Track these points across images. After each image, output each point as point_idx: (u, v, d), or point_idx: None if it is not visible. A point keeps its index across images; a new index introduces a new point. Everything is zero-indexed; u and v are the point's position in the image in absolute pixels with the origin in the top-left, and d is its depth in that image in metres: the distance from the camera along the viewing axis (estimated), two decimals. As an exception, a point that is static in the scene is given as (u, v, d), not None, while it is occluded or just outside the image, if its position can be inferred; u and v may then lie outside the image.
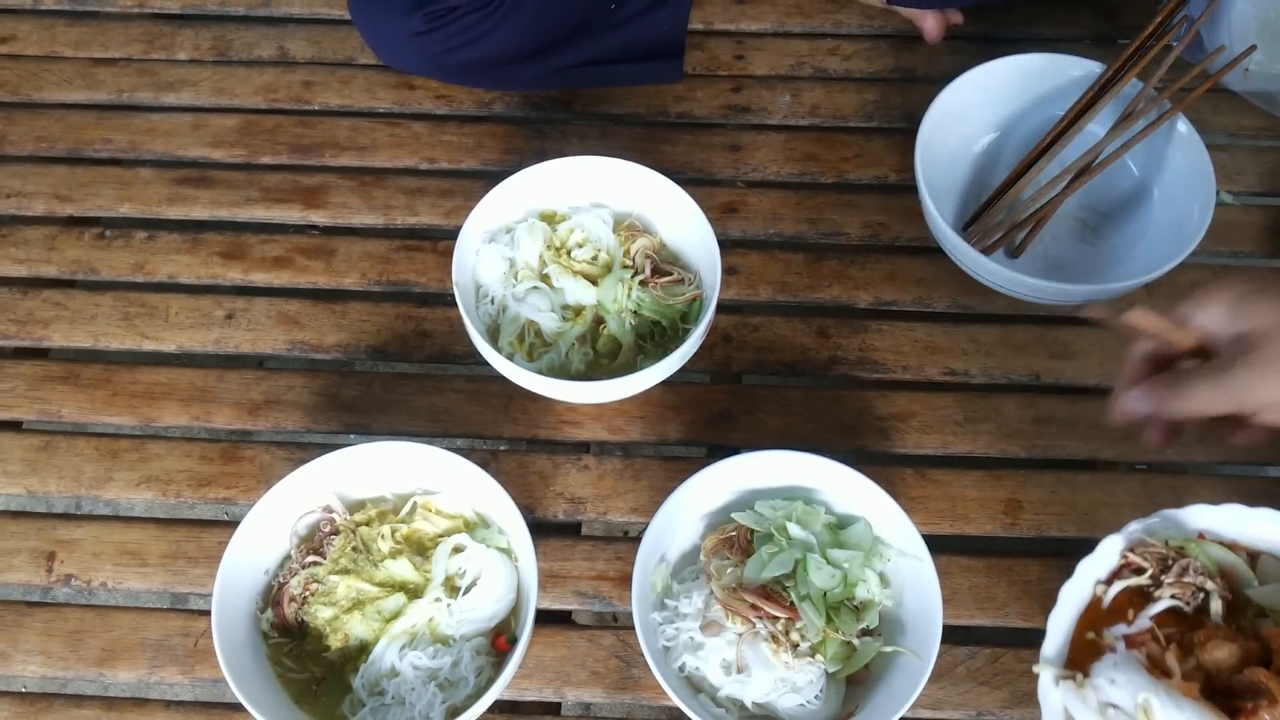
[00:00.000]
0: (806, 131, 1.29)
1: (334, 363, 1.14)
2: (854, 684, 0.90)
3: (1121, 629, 0.84)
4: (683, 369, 1.03)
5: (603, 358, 1.06)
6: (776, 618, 0.87)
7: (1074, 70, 1.16)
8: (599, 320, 1.06)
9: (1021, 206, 1.13)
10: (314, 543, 0.94)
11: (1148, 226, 1.14)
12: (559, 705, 0.97)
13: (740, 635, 0.88)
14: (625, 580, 1.00)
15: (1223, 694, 0.79)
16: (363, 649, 0.89)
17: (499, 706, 0.93)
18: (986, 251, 1.11)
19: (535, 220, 1.09)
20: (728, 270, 1.14)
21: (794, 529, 0.91)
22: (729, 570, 0.90)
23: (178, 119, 1.30)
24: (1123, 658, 0.81)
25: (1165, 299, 1.16)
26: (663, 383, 1.04)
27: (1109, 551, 0.86)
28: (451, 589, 0.91)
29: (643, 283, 1.05)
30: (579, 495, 1.04)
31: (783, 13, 1.38)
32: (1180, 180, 1.12)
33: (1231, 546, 0.88)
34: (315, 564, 0.92)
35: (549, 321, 1.04)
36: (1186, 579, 0.84)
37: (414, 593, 0.91)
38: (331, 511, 0.95)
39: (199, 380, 1.11)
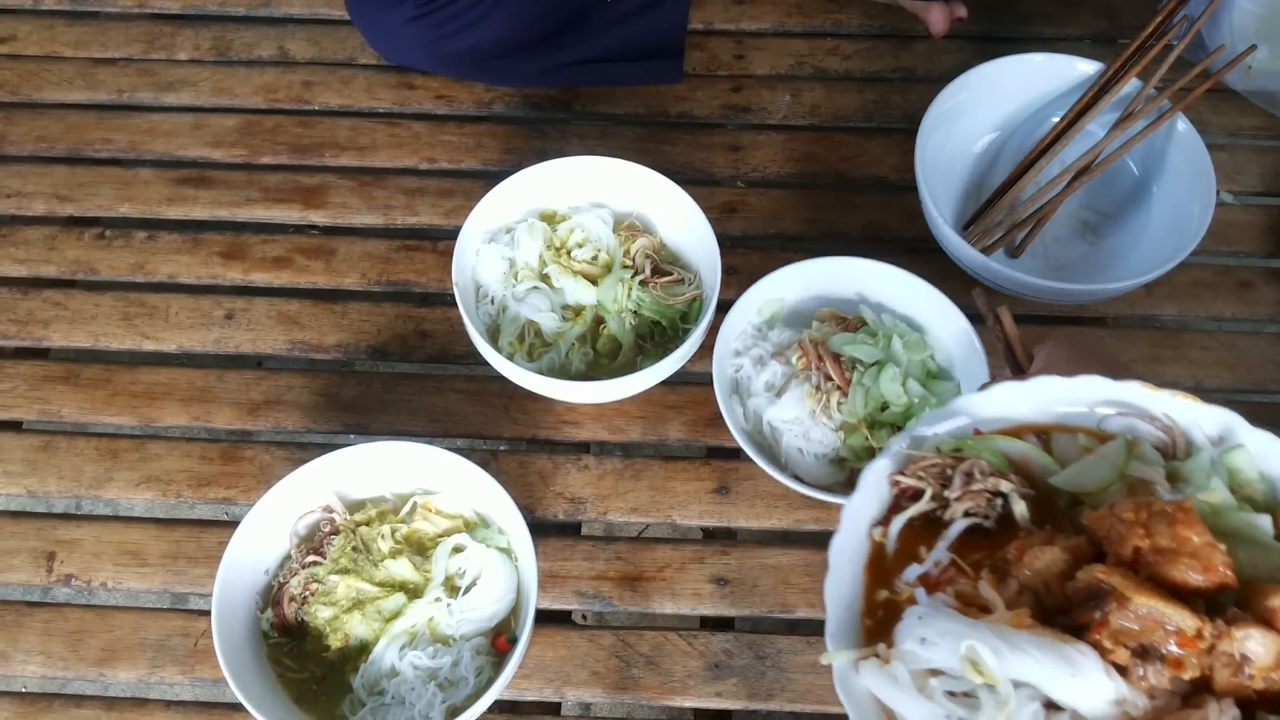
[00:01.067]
0: (806, 131, 1.29)
1: (334, 363, 1.14)
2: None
3: (915, 570, 0.69)
4: (683, 369, 1.03)
5: (603, 358, 1.06)
6: (830, 378, 0.98)
7: (1074, 70, 1.16)
8: (599, 320, 1.06)
9: (1021, 206, 1.13)
10: (314, 542, 0.94)
11: (1147, 226, 1.14)
12: (559, 705, 0.97)
13: (797, 372, 1.00)
14: (625, 580, 1.00)
15: (1061, 612, 0.67)
16: (363, 649, 0.89)
17: (499, 706, 0.93)
18: (986, 251, 1.11)
19: (535, 220, 1.09)
20: (728, 270, 1.14)
21: (897, 344, 0.99)
22: (824, 329, 1.03)
23: (178, 119, 1.30)
24: (928, 608, 0.67)
25: (1165, 299, 1.16)
26: (663, 383, 1.04)
27: (874, 482, 0.71)
28: (451, 589, 0.91)
29: (643, 283, 1.05)
30: (579, 495, 1.04)
31: (783, 12, 1.38)
32: (1180, 180, 1.12)
33: (1016, 433, 0.75)
34: (315, 564, 0.92)
35: (549, 321, 1.04)
36: (975, 486, 0.71)
37: (414, 592, 0.91)
38: (331, 511, 0.95)
39: (199, 380, 1.11)
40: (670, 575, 1.00)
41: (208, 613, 0.86)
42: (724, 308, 1.02)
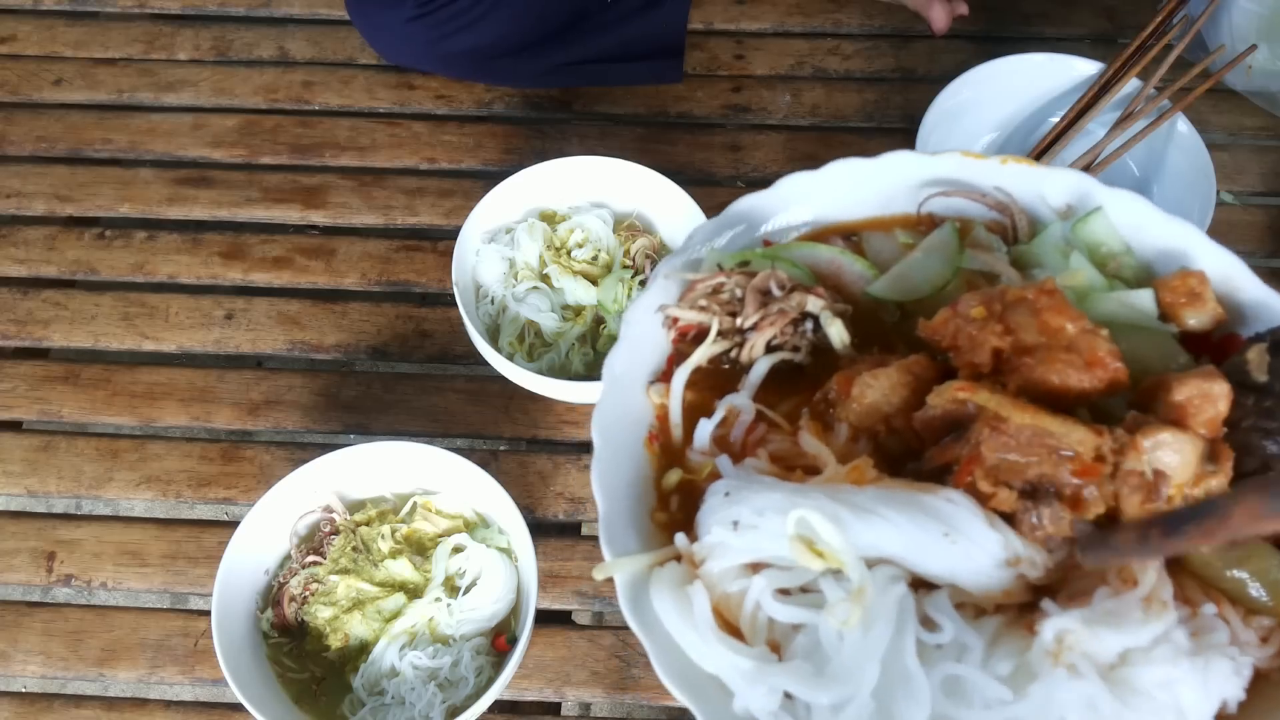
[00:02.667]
0: (807, 131, 1.28)
1: (334, 363, 1.14)
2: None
3: (707, 431, 0.52)
4: (683, 369, 1.03)
5: (603, 358, 1.05)
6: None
7: (1074, 70, 1.16)
8: (599, 320, 1.06)
9: (1021, 206, 1.12)
10: (314, 543, 0.94)
11: (1148, 226, 1.14)
12: (559, 705, 0.97)
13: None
14: (625, 580, 1.00)
15: (911, 456, 0.52)
16: (363, 649, 0.89)
17: (499, 706, 0.93)
18: (986, 251, 1.10)
19: (535, 220, 1.09)
20: (728, 270, 1.14)
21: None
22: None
23: (178, 119, 1.30)
24: (735, 479, 0.50)
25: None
26: (663, 383, 1.04)
27: (641, 322, 0.53)
28: (451, 589, 0.91)
29: (643, 283, 1.05)
30: (579, 495, 1.04)
31: (783, 12, 1.38)
32: (1180, 180, 1.11)
33: (818, 237, 0.58)
34: (315, 564, 0.92)
35: (549, 321, 1.04)
36: (775, 307, 0.53)
37: (414, 593, 0.91)
38: (331, 511, 0.95)
39: (199, 380, 1.11)
40: (670, 575, 1.00)
41: (208, 613, 0.86)
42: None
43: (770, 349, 0.54)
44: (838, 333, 0.55)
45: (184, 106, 1.32)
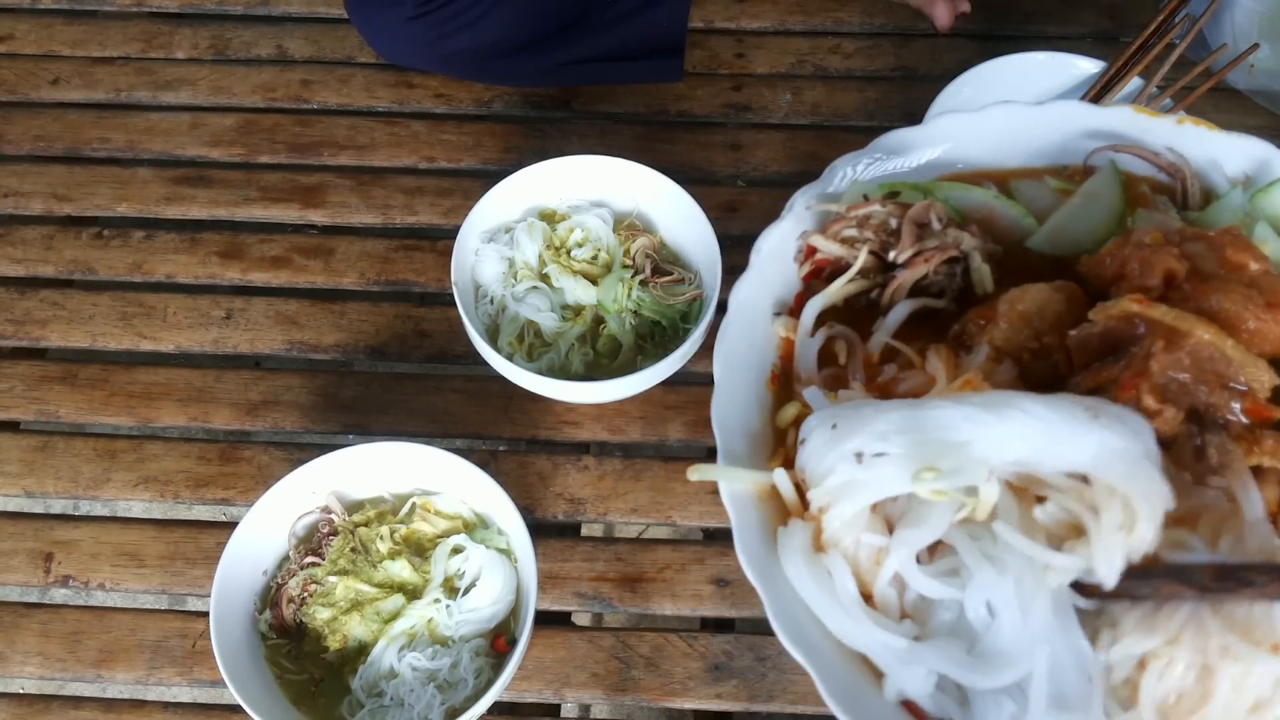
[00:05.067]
0: (807, 130, 1.28)
1: (332, 363, 1.14)
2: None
3: (812, 353, 0.47)
4: (683, 369, 1.02)
5: (603, 358, 1.05)
6: None
7: (1076, 68, 1.16)
8: (599, 320, 1.06)
9: (1023, 205, 1.12)
10: (312, 543, 0.94)
11: (1150, 225, 1.14)
12: (558, 707, 0.97)
13: None
14: (625, 581, 0.99)
15: (1060, 384, 0.47)
16: (361, 650, 0.89)
17: (498, 708, 0.93)
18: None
19: (535, 220, 1.09)
20: (728, 270, 1.13)
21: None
22: None
23: (176, 118, 1.30)
24: (835, 408, 0.46)
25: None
26: (663, 383, 1.03)
27: (774, 251, 0.49)
28: (450, 590, 0.91)
29: (643, 282, 1.05)
30: (579, 496, 1.04)
31: (783, 11, 1.38)
32: (1183, 179, 1.11)
33: (970, 180, 0.53)
34: (314, 565, 0.91)
35: (549, 321, 1.04)
36: (931, 243, 0.49)
37: (413, 594, 0.91)
38: (330, 512, 0.94)
39: (197, 380, 1.11)
40: (670, 576, 1.00)
41: (206, 614, 0.86)
42: (724, 308, 1.01)
43: (915, 291, 0.50)
44: (984, 277, 0.50)
45: (182, 105, 1.31)
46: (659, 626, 0.98)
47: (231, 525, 0.90)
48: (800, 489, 0.49)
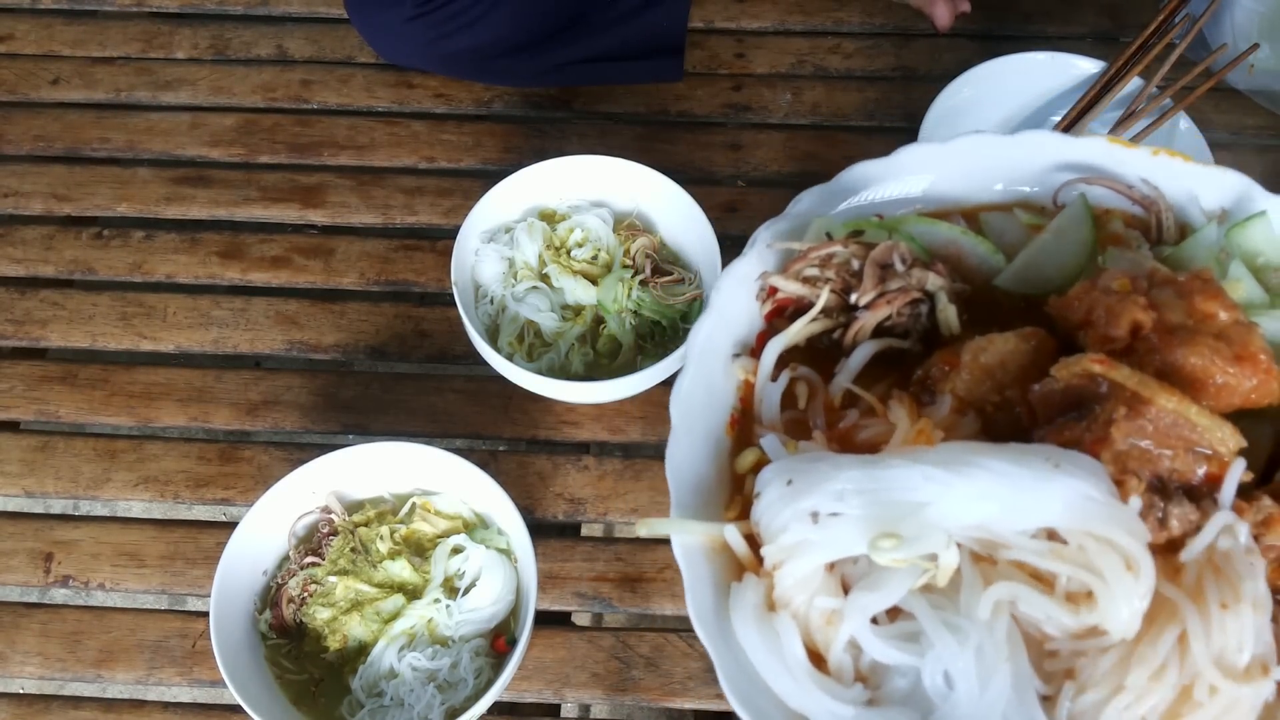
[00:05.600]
0: (807, 130, 1.28)
1: (332, 363, 1.14)
2: None
3: (774, 399, 0.46)
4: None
5: (603, 358, 1.05)
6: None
7: (1076, 68, 1.16)
8: (599, 320, 1.06)
9: (1023, 205, 1.12)
10: (312, 543, 0.94)
11: (1150, 225, 1.14)
12: (558, 707, 0.97)
13: None
14: (625, 581, 0.99)
15: (1022, 436, 0.46)
16: (361, 650, 0.89)
17: (498, 708, 0.93)
18: (988, 251, 1.10)
19: (535, 220, 1.09)
20: (728, 269, 1.13)
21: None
22: None
23: (176, 118, 1.30)
24: (793, 462, 0.44)
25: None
26: (663, 383, 1.03)
27: (733, 291, 0.47)
28: (450, 590, 0.91)
29: (643, 282, 1.05)
30: (579, 496, 1.04)
31: (783, 11, 1.38)
32: (1183, 179, 1.11)
33: (940, 214, 0.51)
34: (314, 565, 0.91)
35: (549, 321, 1.04)
36: (894, 285, 0.48)
37: (413, 594, 0.91)
38: (330, 512, 0.94)
39: (197, 380, 1.11)
40: (670, 576, 1.00)
41: (206, 614, 0.86)
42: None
43: (879, 332, 0.48)
44: (950, 318, 0.49)
45: (182, 105, 1.31)
46: (659, 626, 0.98)
47: (231, 525, 0.90)
48: (755, 542, 0.48)
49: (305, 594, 0.90)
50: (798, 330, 0.48)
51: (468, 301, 1.04)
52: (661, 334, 1.06)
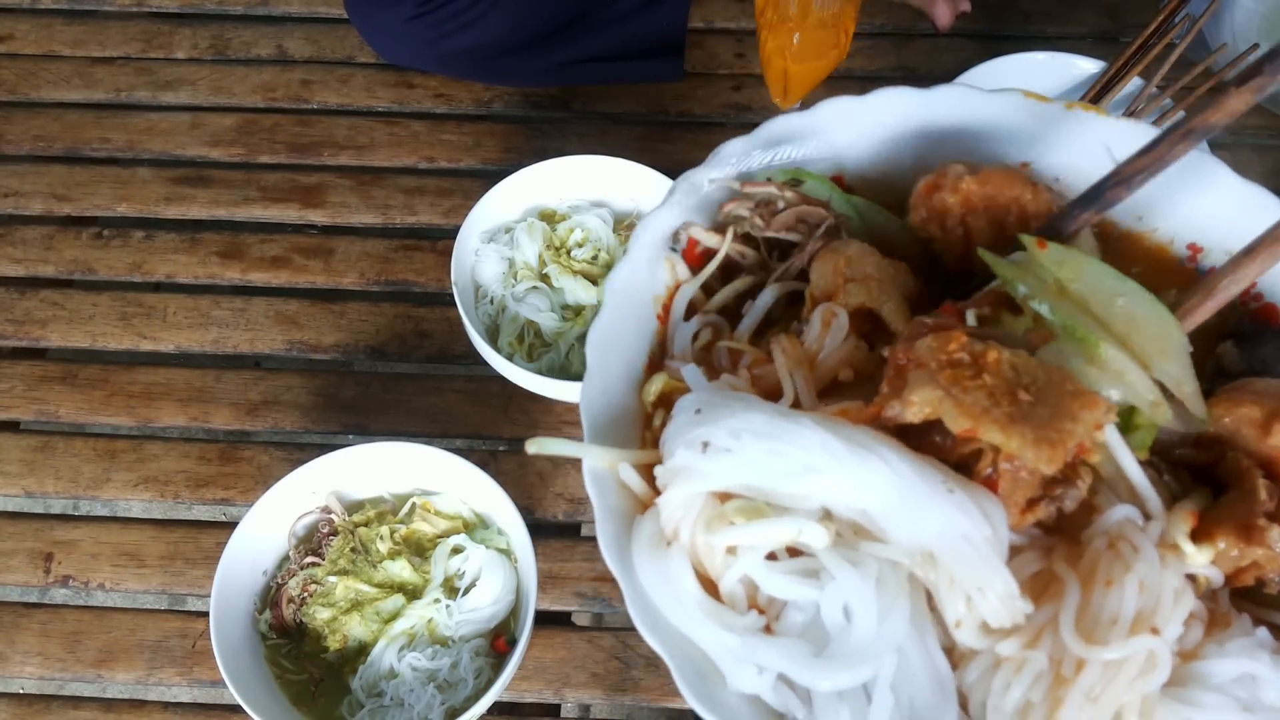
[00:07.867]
0: (807, 130, 1.28)
1: (332, 363, 1.14)
2: None
3: (686, 335, 0.49)
4: (683, 369, 1.02)
5: (602, 358, 1.05)
6: None
7: (1076, 68, 1.16)
8: (599, 320, 1.06)
9: (1023, 205, 1.12)
10: (312, 543, 0.94)
11: (1150, 225, 1.13)
12: (559, 707, 0.97)
13: None
14: (625, 581, 0.99)
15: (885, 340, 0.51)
16: (361, 650, 0.89)
17: (498, 708, 0.93)
18: (988, 250, 1.10)
19: (535, 220, 1.09)
20: (728, 269, 1.13)
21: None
22: None
23: (176, 118, 1.30)
24: (709, 394, 0.47)
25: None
26: (663, 383, 1.03)
27: (652, 238, 0.50)
28: (450, 590, 0.91)
29: (643, 282, 1.05)
30: (579, 496, 1.04)
31: (783, 11, 1.37)
32: (1183, 179, 1.11)
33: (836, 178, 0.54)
34: (314, 565, 0.91)
35: (549, 321, 1.04)
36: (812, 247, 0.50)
37: (413, 594, 0.91)
38: (330, 512, 0.94)
39: (197, 380, 1.11)
40: (670, 576, 1.00)
41: (206, 614, 0.86)
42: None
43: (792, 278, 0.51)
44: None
45: (182, 105, 1.31)
46: (659, 626, 0.98)
47: (231, 525, 0.90)
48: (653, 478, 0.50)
49: (305, 594, 0.90)
50: (708, 275, 0.51)
51: (468, 301, 1.04)
52: (661, 334, 1.06)
